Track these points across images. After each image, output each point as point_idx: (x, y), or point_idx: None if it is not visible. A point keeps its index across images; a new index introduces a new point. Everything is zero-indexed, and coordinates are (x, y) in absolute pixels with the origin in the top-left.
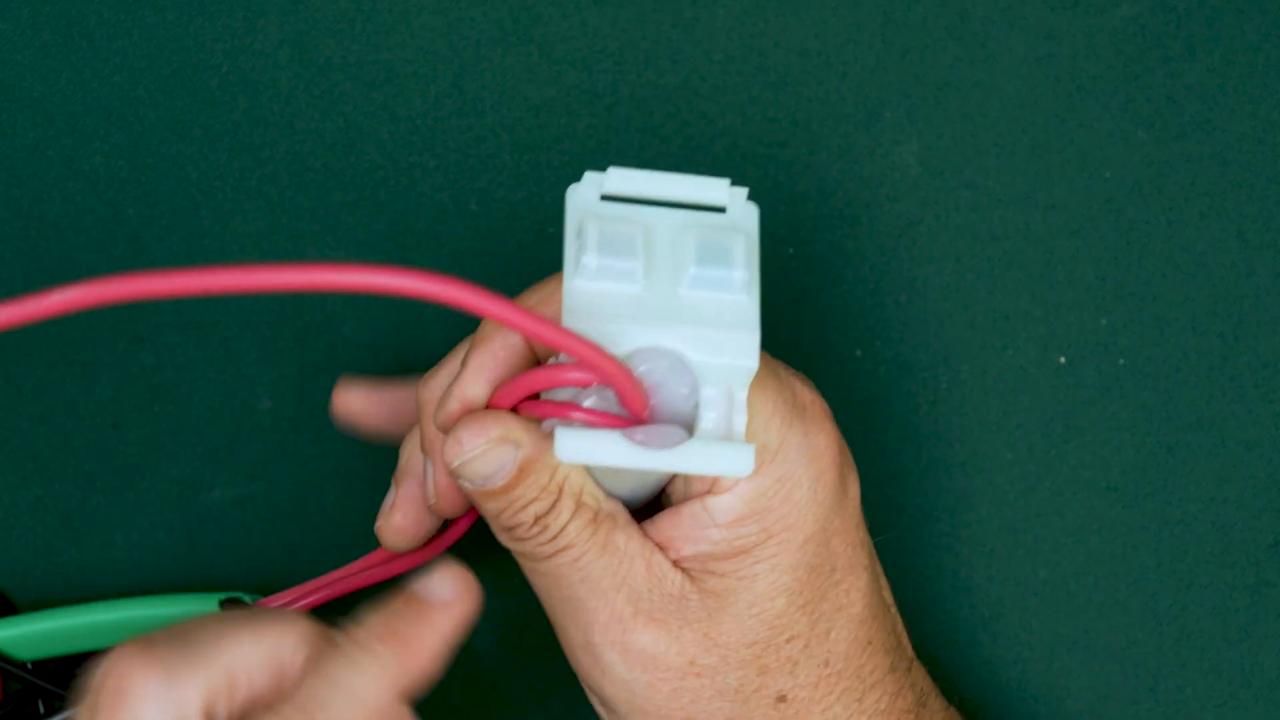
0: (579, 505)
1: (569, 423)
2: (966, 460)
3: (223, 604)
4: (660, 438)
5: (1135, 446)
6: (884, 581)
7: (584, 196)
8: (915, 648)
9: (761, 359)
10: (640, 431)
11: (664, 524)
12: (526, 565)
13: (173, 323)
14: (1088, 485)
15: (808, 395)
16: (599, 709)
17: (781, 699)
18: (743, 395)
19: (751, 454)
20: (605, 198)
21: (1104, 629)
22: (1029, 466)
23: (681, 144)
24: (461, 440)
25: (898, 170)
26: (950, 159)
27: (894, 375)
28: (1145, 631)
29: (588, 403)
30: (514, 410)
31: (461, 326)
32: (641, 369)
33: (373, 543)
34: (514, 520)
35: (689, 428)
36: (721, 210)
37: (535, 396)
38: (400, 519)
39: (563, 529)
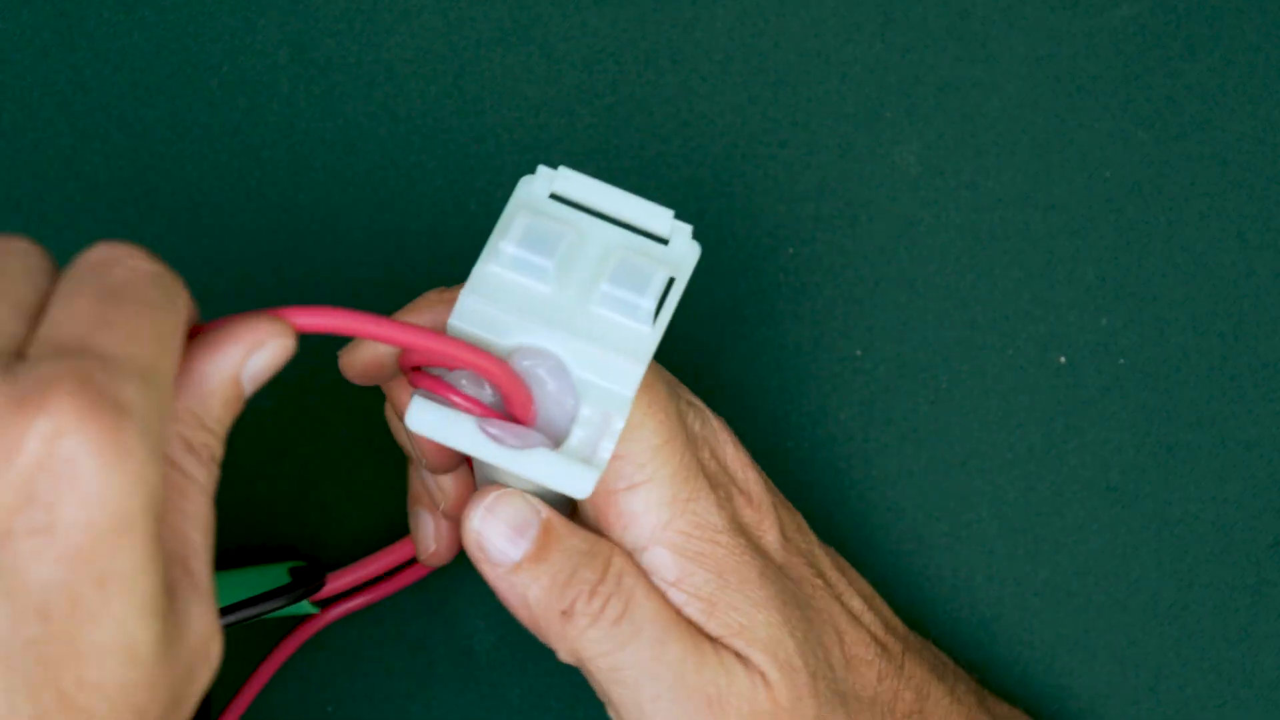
0: (628, 560)
1: (431, 394)
2: (966, 460)
3: (292, 571)
4: (514, 437)
5: (1135, 446)
6: (848, 594)
7: (533, 190)
8: None
9: (679, 409)
10: (496, 425)
11: None
12: (598, 674)
13: None
14: (1088, 485)
15: (705, 457)
16: None
17: None
18: (619, 425)
19: (593, 481)
20: (554, 197)
21: (1104, 629)
22: (1029, 466)
23: (681, 144)
24: (472, 517)
25: (898, 170)
26: (950, 159)
27: (894, 375)
28: (1145, 631)
29: (462, 385)
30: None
31: None
32: (523, 364)
33: (372, 545)
34: (566, 598)
35: (558, 440)
36: (665, 242)
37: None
38: (442, 551)
39: (632, 594)
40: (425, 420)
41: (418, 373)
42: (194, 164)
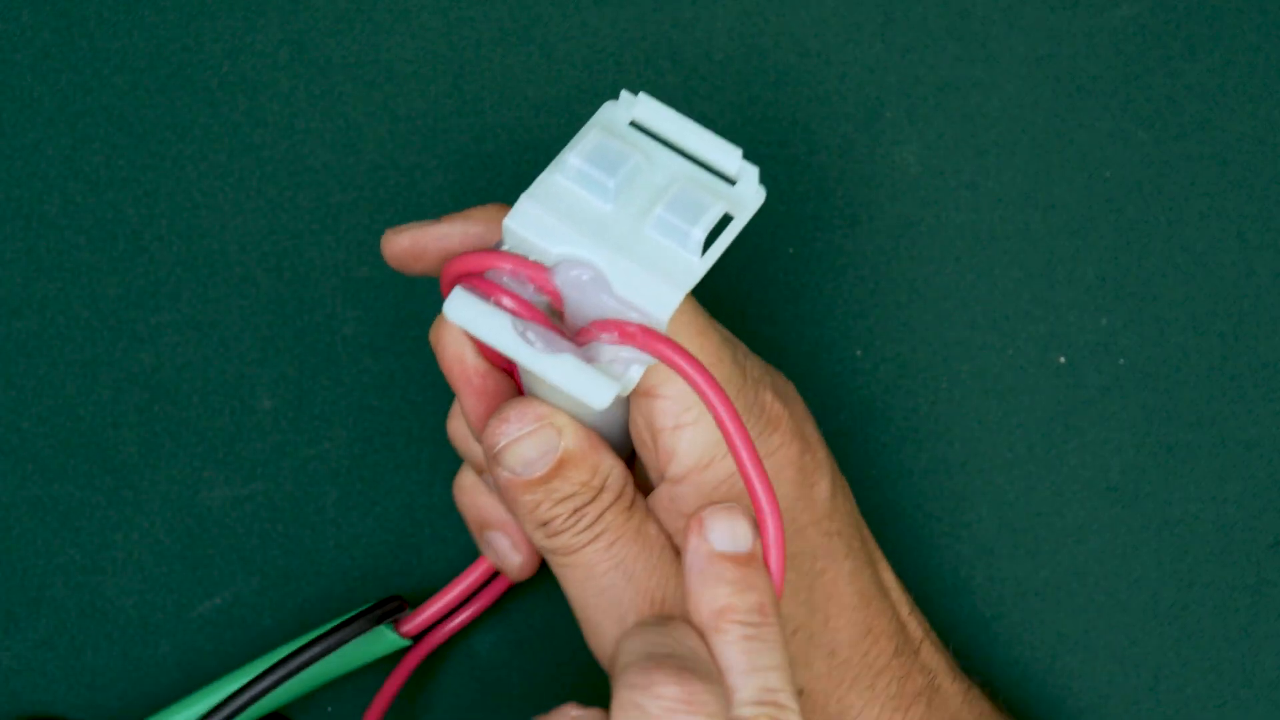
0: (618, 494)
1: (473, 289)
2: (966, 460)
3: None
4: (543, 341)
5: (1135, 446)
6: (883, 566)
7: (614, 114)
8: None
9: (735, 357)
10: (531, 328)
11: None
12: (558, 561)
13: (173, 322)
14: (1088, 485)
15: (769, 399)
16: None
17: (799, 693)
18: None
19: (611, 391)
20: (634, 125)
21: (1104, 629)
22: (1029, 466)
23: None
24: (508, 418)
25: (898, 170)
26: (950, 159)
27: (894, 375)
28: (1145, 631)
29: (504, 284)
30: (451, 285)
31: None
32: (570, 273)
33: (372, 545)
34: (550, 514)
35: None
36: (732, 183)
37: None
38: (527, 563)
39: (600, 516)
40: (463, 311)
41: (470, 279)
42: (194, 164)
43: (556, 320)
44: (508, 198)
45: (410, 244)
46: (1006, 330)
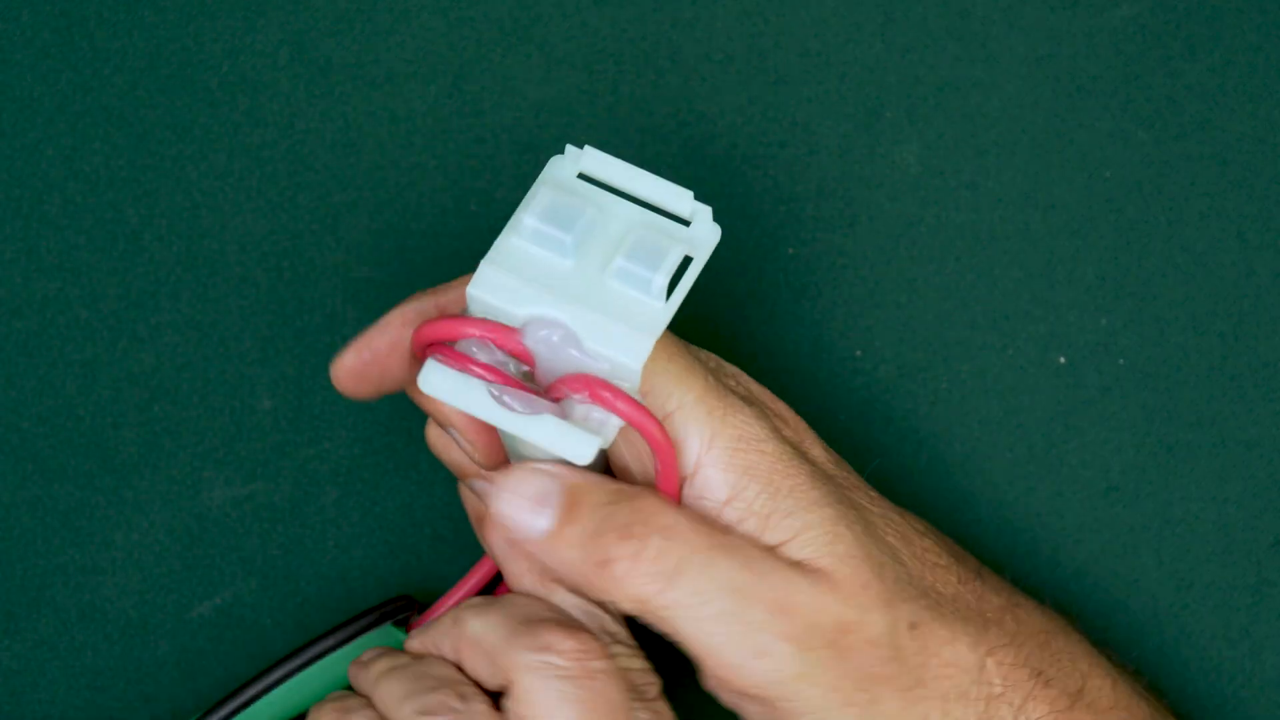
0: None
1: (443, 359)
2: (966, 460)
3: (397, 623)
4: (520, 403)
5: (1135, 446)
6: (900, 511)
7: (562, 169)
8: None
9: (691, 350)
10: (506, 392)
11: None
12: (656, 608)
13: (173, 322)
14: (1088, 485)
15: (731, 378)
16: (761, 713)
17: (913, 626)
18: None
19: (593, 447)
20: (581, 176)
21: (1104, 629)
22: (1029, 466)
23: (681, 144)
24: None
25: (898, 170)
26: (950, 159)
27: (894, 375)
28: (1145, 631)
29: (472, 352)
30: (423, 353)
31: None
32: (539, 333)
33: (372, 545)
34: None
35: (568, 412)
36: (686, 223)
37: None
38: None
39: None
40: (437, 383)
41: (433, 346)
42: (194, 164)
43: (527, 379)
44: (507, 198)
45: (354, 358)
46: (1006, 330)
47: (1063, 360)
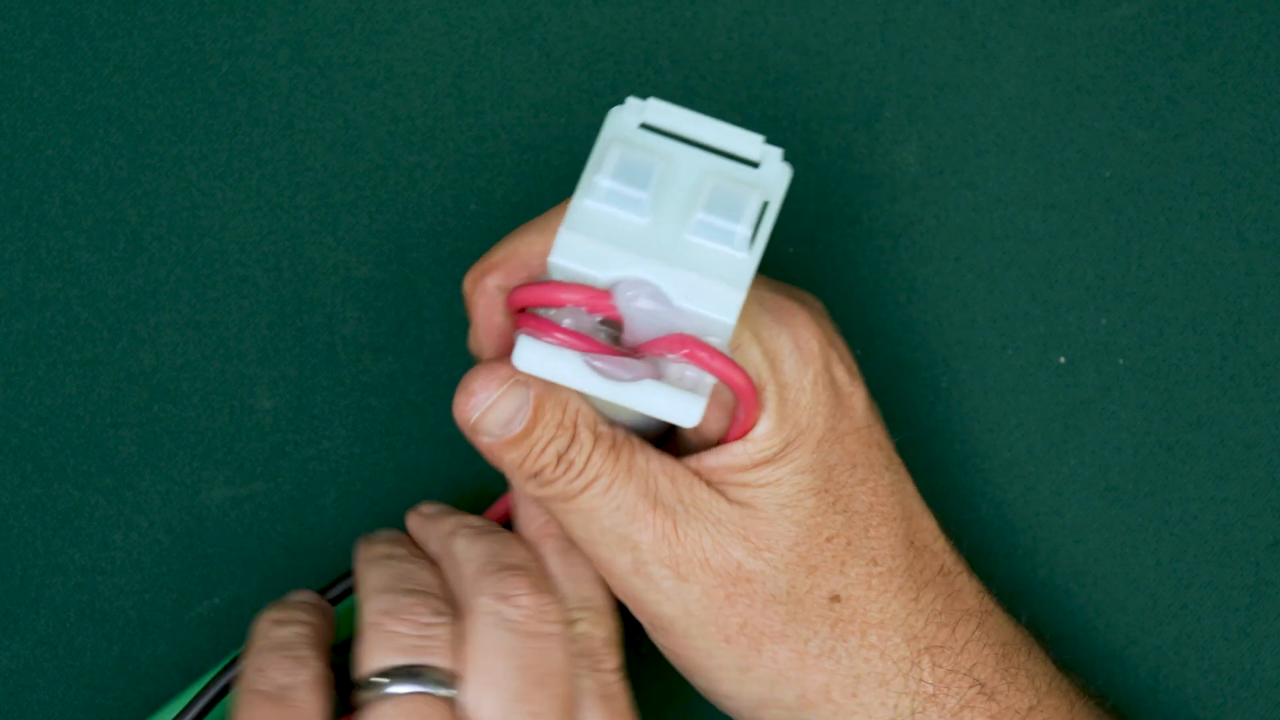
0: (596, 435)
1: (536, 334)
2: (966, 460)
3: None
4: (620, 369)
5: (1135, 446)
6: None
7: (623, 121)
8: None
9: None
10: (602, 360)
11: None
12: (558, 509)
13: (173, 322)
14: (1087, 485)
15: (788, 305)
16: (658, 638)
17: (835, 599)
18: (721, 347)
19: (700, 407)
20: (644, 127)
21: (1104, 629)
22: (1029, 466)
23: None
24: (474, 391)
25: (898, 170)
26: (950, 159)
27: (894, 375)
28: (1145, 631)
29: (565, 323)
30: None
31: (460, 325)
32: (628, 294)
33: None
34: (538, 465)
35: (661, 370)
36: (755, 165)
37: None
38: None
39: (588, 460)
40: (532, 359)
41: (523, 314)
42: (194, 164)
43: (613, 342)
44: (507, 198)
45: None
46: (1006, 330)
47: (1063, 360)
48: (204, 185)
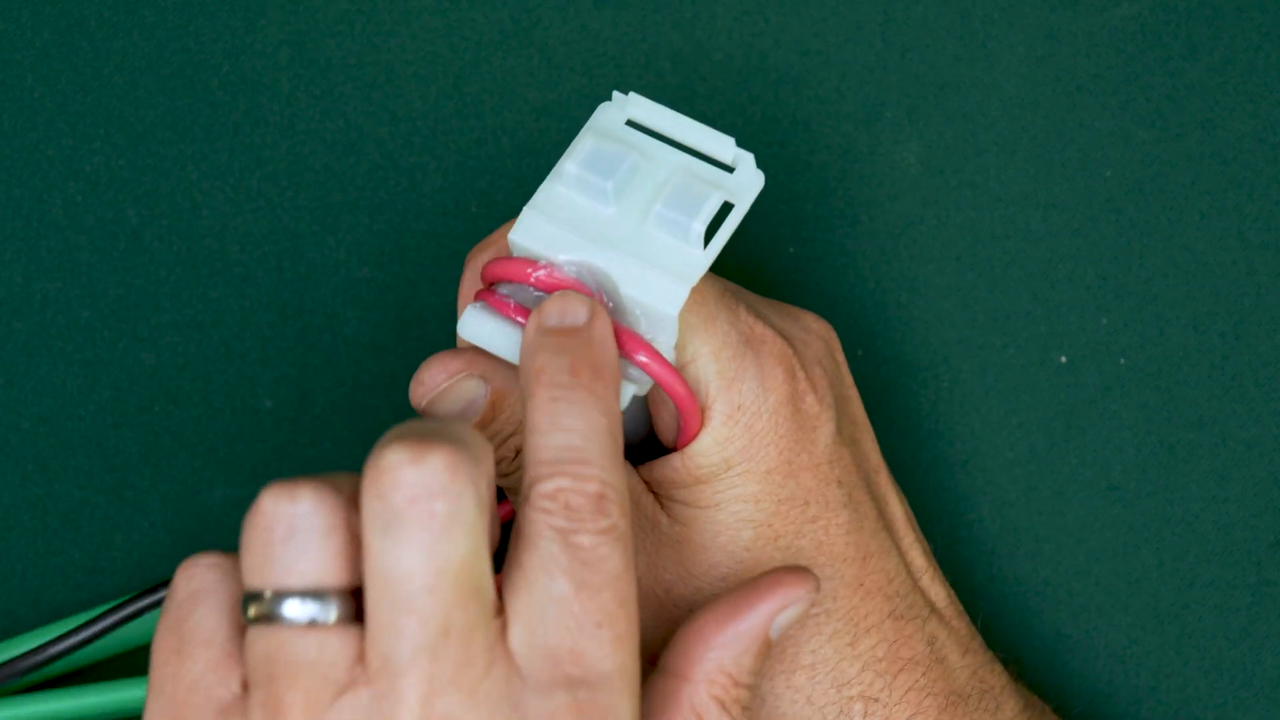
0: None
1: (484, 304)
2: (966, 460)
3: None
4: None
5: (1135, 446)
6: (904, 532)
7: (609, 116)
8: None
9: (721, 298)
10: None
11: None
12: (512, 499)
13: (173, 323)
14: (1088, 485)
15: (761, 330)
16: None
17: None
18: (666, 342)
19: (629, 394)
20: (629, 123)
21: (1104, 629)
22: (1029, 466)
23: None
24: (423, 380)
25: (898, 170)
26: (950, 159)
27: (894, 375)
28: (1146, 631)
29: (512, 298)
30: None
31: None
32: (577, 275)
33: None
34: (498, 455)
35: None
36: (730, 170)
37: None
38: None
39: None
40: (476, 329)
41: (485, 290)
42: (194, 164)
43: None
44: (507, 200)
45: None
46: (1007, 330)
47: (1063, 360)
48: (204, 185)
